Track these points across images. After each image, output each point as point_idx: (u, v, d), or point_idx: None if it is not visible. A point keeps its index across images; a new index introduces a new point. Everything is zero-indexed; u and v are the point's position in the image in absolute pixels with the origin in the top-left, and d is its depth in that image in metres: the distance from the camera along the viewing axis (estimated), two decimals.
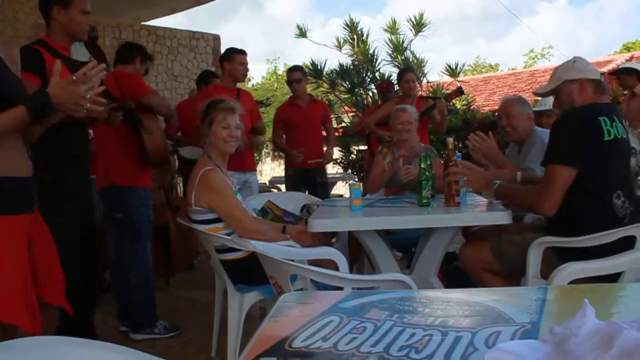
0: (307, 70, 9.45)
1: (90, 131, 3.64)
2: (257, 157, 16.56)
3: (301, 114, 5.00)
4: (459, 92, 5.52)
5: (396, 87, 6.43)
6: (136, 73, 3.47)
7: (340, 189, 9.47)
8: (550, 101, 3.38)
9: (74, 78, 1.83)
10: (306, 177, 5.05)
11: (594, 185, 2.33)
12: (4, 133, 1.82)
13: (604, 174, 2.32)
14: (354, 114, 9.01)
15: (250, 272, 2.55)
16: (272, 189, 6.76)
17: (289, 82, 5.11)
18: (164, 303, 3.79)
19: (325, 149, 5.27)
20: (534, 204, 2.45)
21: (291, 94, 5.22)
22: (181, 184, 5.44)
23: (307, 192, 4.83)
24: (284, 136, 5.11)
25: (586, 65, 2.53)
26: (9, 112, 1.79)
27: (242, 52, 4.30)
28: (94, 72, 1.86)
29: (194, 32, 8.47)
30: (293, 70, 5.18)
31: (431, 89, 8.54)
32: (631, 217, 2.34)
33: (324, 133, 5.35)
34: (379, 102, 7.04)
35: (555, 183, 2.32)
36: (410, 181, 3.51)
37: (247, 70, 4.35)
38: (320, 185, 5.09)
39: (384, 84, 6.43)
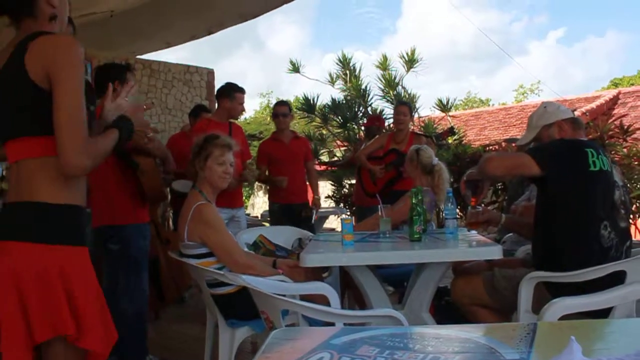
0: (300, 104, 9.55)
1: None
2: (250, 190, 16.54)
3: (284, 150, 5.01)
4: (451, 132, 5.62)
5: (388, 122, 6.51)
6: None
7: (332, 222, 9.46)
8: None
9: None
10: (290, 211, 4.98)
11: (583, 215, 2.37)
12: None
13: (592, 203, 2.36)
14: (345, 148, 9.06)
15: (242, 306, 2.54)
16: (264, 223, 6.75)
17: (275, 115, 5.10)
18: (154, 336, 3.74)
19: (310, 190, 5.26)
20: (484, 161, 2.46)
21: (274, 130, 5.25)
22: (172, 217, 5.42)
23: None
24: (267, 173, 5.07)
25: (558, 107, 2.67)
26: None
27: (242, 91, 4.33)
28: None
29: (189, 66, 8.56)
30: (281, 104, 5.25)
31: (422, 124, 8.64)
32: (616, 248, 2.38)
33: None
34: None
35: (514, 157, 2.50)
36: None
37: (244, 109, 4.38)
38: (304, 220, 4.98)
39: (371, 120, 6.52)
